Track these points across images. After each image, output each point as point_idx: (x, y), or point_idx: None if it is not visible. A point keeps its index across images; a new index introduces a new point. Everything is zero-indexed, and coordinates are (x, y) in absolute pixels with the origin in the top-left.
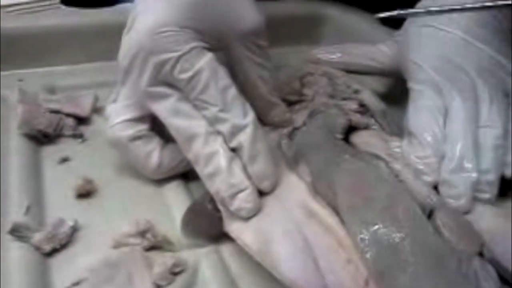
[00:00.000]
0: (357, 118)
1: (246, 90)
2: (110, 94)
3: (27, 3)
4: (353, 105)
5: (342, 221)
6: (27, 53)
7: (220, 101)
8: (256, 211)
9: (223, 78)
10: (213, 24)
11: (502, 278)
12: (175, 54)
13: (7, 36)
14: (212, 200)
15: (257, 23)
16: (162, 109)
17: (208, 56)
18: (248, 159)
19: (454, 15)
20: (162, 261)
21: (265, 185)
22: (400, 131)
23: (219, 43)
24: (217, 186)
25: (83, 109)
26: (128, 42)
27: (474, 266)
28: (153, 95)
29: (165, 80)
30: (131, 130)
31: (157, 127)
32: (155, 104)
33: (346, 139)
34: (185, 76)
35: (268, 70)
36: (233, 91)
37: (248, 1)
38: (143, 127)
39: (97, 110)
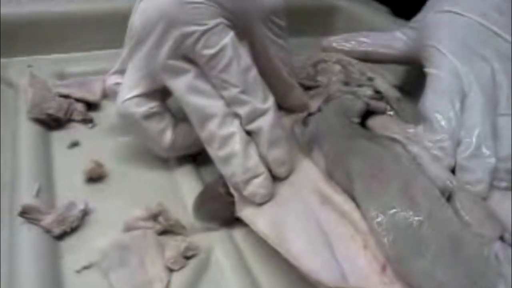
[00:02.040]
0: (375, 103)
1: (266, 72)
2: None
3: None
4: (369, 92)
5: (358, 207)
6: (37, 39)
7: (242, 82)
8: (269, 197)
9: (245, 58)
10: (238, 1)
11: None
12: (201, 28)
13: (17, 22)
14: (224, 184)
15: (278, 1)
16: (178, 85)
17: (231, 34)
18: (268, 143)
19: (475, 3)
20: (174, 245)
21: (282, 171)
22: (414, 119)
23: (241, 21)
24: (232, 170)
25: (94, 94)
26: (147, 8)
27: (496, 250)
28: (171, 69)
29: (185, 54)
30: (144, 107)
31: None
32: (172, 79)
33: (362, 123)
34: (208, 52)
35: (287, 52)
36: (254, 72)
37: None
38: (155, 103)
39: (107, 95)
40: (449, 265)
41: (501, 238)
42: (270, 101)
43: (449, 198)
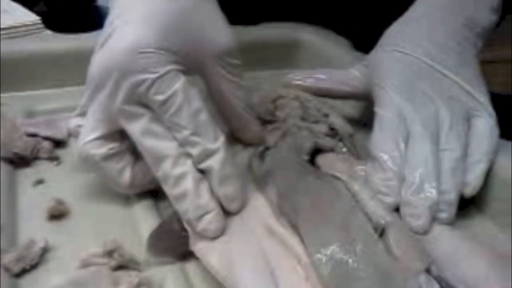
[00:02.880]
0: (324, 141)
1: (222, 109)
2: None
3: (14, 27)
4: (323, 128)
5: (302, 240)
6: (8, 77)
7: (192, 124)
8: (220, 232)
9: (196, 101)
10: (188, 46)
11: None
12: (152, 76)
13: None
14: (179, 220)
15: (229, 43)
16: (134, 128)
17: (182, 79)
18: (219, 181)
19: (421, 42)
20: (128, 280)
21: (233, 206)
22: (367, 154)
23: (194, 64)
24: (185, 207)
25: (60, 133)
26: (102, 58)
27: (420, 282)
28: (126, 114)
29: (139, 99)
30: (103, 149)
31: (128, 143)
32: (128, 123)
33: (312, 160)
34: (160, 98)
35: (242, 88)
36: (204, 115)
37: (220, 22)
38: (114, 145)
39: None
40: None
41: (428, 271)
42: (220, 141)
43: (382, 233)
